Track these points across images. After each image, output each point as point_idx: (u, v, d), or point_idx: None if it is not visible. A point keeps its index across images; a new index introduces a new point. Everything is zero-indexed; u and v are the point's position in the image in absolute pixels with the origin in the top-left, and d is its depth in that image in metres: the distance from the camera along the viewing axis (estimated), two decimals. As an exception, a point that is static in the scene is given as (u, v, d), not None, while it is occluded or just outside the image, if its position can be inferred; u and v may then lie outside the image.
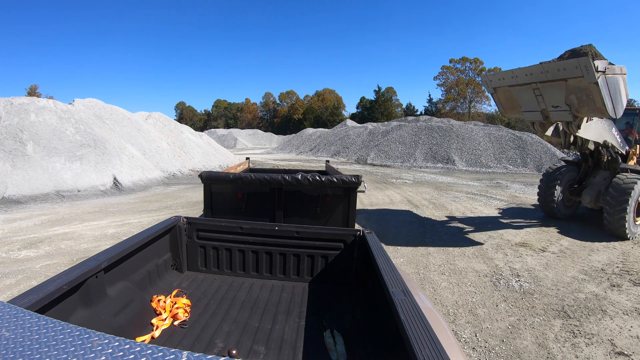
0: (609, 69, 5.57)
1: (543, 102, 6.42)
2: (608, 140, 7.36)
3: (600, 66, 5.43)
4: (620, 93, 5.90)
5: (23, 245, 6.04)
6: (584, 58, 5.53)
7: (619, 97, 5.86)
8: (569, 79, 5.76)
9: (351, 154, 28.60)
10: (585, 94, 5.73)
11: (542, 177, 9.09)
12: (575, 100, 5.95)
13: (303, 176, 3.59)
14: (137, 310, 2.05)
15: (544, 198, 8.89)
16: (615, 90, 5.76)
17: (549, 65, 6.02)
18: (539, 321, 3.87)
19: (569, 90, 5.93)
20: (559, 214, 8.79)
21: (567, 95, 5.99)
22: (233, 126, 77.59)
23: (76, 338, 0.82)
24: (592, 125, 6.86)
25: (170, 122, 21.81)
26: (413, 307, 1.38)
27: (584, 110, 5.98)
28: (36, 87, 55.31)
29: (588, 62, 5.37)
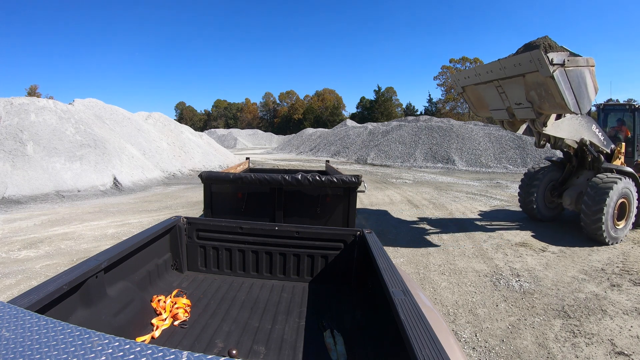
0: (571, 61, 5.23)
1: (507, 100, 6.15)
2: (586, 138, 6.90)
3: (557, 59, 5.11)
4: (587, 86, 5.51)
5: (23, 246, 6.04)
6: (536, 51, 5.19)
7: (584, 91, 5.49)
8: (527, 75, 5.47)
9: (351, 154, 28.60)
10: (544, 89, 5.40)
11: (523, 177, 8.77)
12: (536, 97, 5.63)
13: (303, 176, 3.59)
14: (137, 310, 2.05)
15: (523, 199, 8.59)
16: (579, 84, 5.40)
17: (505, 61, 5.72)
18: (539, 321, 3.87)
19: (528, 86, 5.64)
20: (539, 215, 8.42)
21: (528, 92, 5.69)
22: (233, 126, 77.58)
23: (76, 338, 0.82)
24: (564, 122, 6.50)
25: (170, 122, 21.81)
26: (413, 307, 1.38)
27: (545, 106, 5.66)
28: (36, 87, 55.45)
29: (540, 55, 5.05)
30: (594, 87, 5.59)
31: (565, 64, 5.15)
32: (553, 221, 8.50)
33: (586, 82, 5.48)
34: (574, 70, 5.31)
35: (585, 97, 5.52)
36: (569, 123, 6.57)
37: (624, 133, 8.16)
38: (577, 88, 5.38)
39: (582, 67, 5.41)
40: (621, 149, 7.47)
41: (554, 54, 5.09)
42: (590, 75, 5.52)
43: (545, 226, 8.04)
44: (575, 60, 5.35)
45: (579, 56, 5.60)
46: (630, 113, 8.09)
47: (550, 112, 5.86)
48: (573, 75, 5.31)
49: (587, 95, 5.55)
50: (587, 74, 5.48)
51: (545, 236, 7.26)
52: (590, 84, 5.55)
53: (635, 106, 7.92)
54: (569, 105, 5.30)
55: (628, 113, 8.14)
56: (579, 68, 5.37)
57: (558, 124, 6.41)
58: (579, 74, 5.39)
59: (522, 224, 8.28)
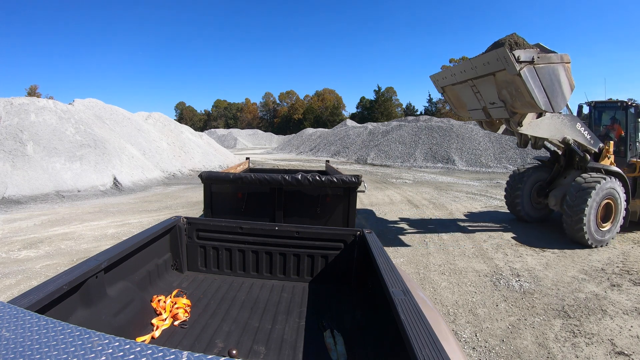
0: (541, 58, 5.07)
1: (482, 100, 6.01)
2: (569, 137, 6.60)
3: (524, 56, 4.96)
4: (560, 84, 5.32)
5: (23, 246, 6.04)
6: (501, 49, 5.04)
7: (558, 89, 5.30)
8: (496, 73, 5.33)
9: (351, 154, 28.60)
10: (514, 88, 5.26)
11: (509, 177, 8.57)
12: (507, 95, 5.48)
13: (303, 176, 3.59)
14: (137, 310, 2.05)
15: (509, 199, 8.42)
16: (551, 82, 5.23)
17: (476, 60, 5.59)
18: (539, 321, 3.87)
19: (499, 85, 5.50)
20: (526, 216, 8.25)
21: (499, 91, 5.56)
22: (233, 126, 77.56)
23: (76, 338, 0.82)
24: (544, 121, 6.23)
25: (170, 122, 21.81)
26: (413, 307, 1.38)
27: (517, 105, 5.50)
28: (36, 87, 55.45)
29: (506, 53, 4.91)
30: (569, 85, 5.41)
31: (534, 61, 5.01)
32: (541, 222, 8.30)
33: (560, 79, 5.31)
34: (545, 67, 5.15)
35: (559, 95, 5.35)
36: (549, 122, 6.32)
37: (616, 131, 7.89)
38: (550, 86, 5.22)
39: (555, 64, 5.24)
40: (609, 148, 7.18)
41: (521, 52, 4.96)
42: (565, 72, 5.34)
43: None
44: (547, 57, 5.18)
45: (552, 52, 5.42)
46: (622, 111, 7.81)
47: (522, 111, 5.68)
48: (544, 72, 5.16)
49: (561, 93, 5.37)
50: (561, 71, 5.31)
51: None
52: (565, 82, 5.36)
53: (627, 103, 7.67)
54: (539, 103, 5.17)
55: (620, 111, 7.85)
56: (551, 65, 5.20)
57: (537, 124, 6.19)
58: (551, 71, 5.23)
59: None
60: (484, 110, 6.17)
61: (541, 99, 5.18)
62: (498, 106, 5.77)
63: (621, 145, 7.74)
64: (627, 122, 7.65)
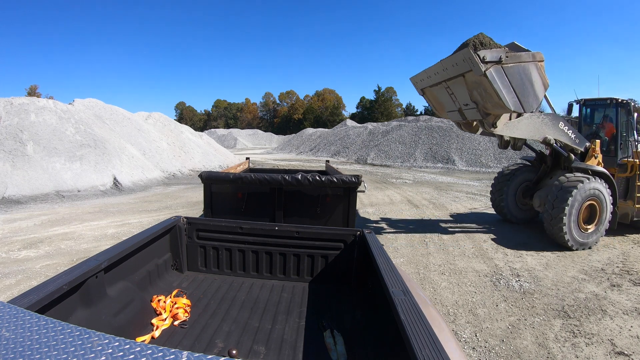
0: (510, 57, 4.94)
1: (457, 101, 5.90)
2: (550, 137, 6.38)
3: (490, 56, 4.84)
4: (532, 83, 5.18)
5: (23, 246, 6.04)
6: (465, 50, 4.94)
7: (529, 89, 5.16)
8: (466, 74, 5.22)
9: (351, 154, 28.60)
10: (483, 89, 5.14)
11: (495, 177, 8.43)
12: (478, 96, 5.37)
13: (303, 176, 3.59)
14: (137, 310, 2.05)
15: (494, 200, 8.28)
16: (521, 81, 5.09)
17: (446, 62, 5.48)
18: (539, 321, 3.87)
19: (470, 86, 5.39)
20: (511, 217, 8.11)
21: (471, 92, 5.45)
22: (233, 126, 77.59)
23: (76, 338, 0.82)
24: (522, 122, 6.07)
25: (170, 122, 21.81)
26: (413, 307, 1.38)
27: (488, 106, 5.37)
28: (36, 87, 55.49)
29: (470, 54, 4.82)
30: (542, 84, 5.25)
31: (502, 60, 4.90)
32: (527, 223, 8.15)
33: (532, 78, 5.17)
34: (515, 66, 5.03)
35: (531, 94, 5.21)
36: (527, 122, 6.15)
37: (607, 130, 7.62)
38: (520, 85, 5.10)
39: (526, 63, 5.10)
40: (595, 147, 6.92)
41: (487, 52, 4.85)
42: (538, 71, 5.20)
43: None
44: (517, 56, 5.05)
45: (525, 51, 5.28)
46: (612, 108, 7.52)
47: (494, 112, 5.55)
48: (514, 72, 5.04)
49: (533, 93, 5.22)
50: (532, 70, 5.17)
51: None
52: (538, 81, 5.21)
53: (617, 101, 7.38)
54: (507, 104, 5.06)
55: (610, 108, 7.56)
56: (521, 64, 5.07)
57: (514, 124, 6.05)
58: (521, 71, 5.10)
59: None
60: (459, 112, 6.06)
61: (510, 99, 5.06)
62: (471, 107, 5.68)
63: (611, 144, 7.49)
64: (617, 120, 7.40)
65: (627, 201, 7.25)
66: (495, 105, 5.25)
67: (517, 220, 8.19)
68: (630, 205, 7.22)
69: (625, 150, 7.45)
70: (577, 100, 8.04)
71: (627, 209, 7.24)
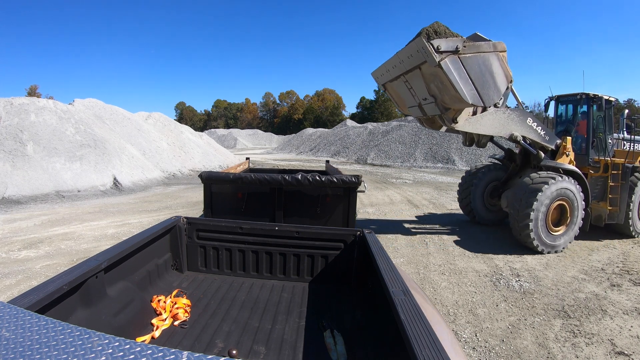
0: (468, 47, 4.63)
1: (416, 96, 5.55)
2: (516, 134, 5.99)
3: (445, 45, 4.51)
4: (493, 75, 4.85)
5: (23, 246, 6.03)
6: (417, 39, 4.61)
7: (489, 81, 4.84)
8: (422, 66, 4.88)
9: (351, 154, 28.60)
10: (440, 81, 4.80)
11: (462, 177, 8.16)
12: (436, 90, 5.05)
13: (303, 176, 3.59)
14: (137, 310, 2.05)
15: (461, 200, 8.04)
16: (481, 72, 4.77)
17: (401, 53, 5.12)
18: (539, 321, 3.87)
19: (427, 79, 5.06)
20: (479, 218, 7.84)
21: (428, 85, 5.12)
22: (233, 126, 77.62)
23: (76, 338, 0.82)
24: (485, 117, 5.67)
25: (170, 122, 21.82)
26: (413, 307, 1.38)
27: (446, 99, 5.06)
28: (36, 87, 55.58)
29: (422, 44, 4.48)
30: (504, 75, 4.93)
31: (459, 50, 4.58)
32: (496, 225, 7.87)
33: (492, 70, 4.84)
34: (473, 57, 4.71)
35: (492, 87, 4.88)
36: (491, 118, 5.74)
37: (581, 127, 7.23)
38: (479, 77, 4.78)
39: (486, 53, 4.77)
40: (567, 145, 6.55)
41: (441, 41, 4.51)
42: (500, 62, 4.87)
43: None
44: (476, 45, 4.72)
45: (487, 40, 4.98)
46: (584, 104, 7.11)
47: (454, 106, 5.19)
48: (473, 62, 4.72)
49: (494, 85, 4.90)
50: (493, 61, 4.84)
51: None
52: (500, 72, 4.89)
53: (588, 96, 6.98)
54: (465, 97, 4.75)
55: (582, 104, 7.15)
56: (481, 54, 4.74)
57: (477, 120, 5.62)
58: (481, 62, 4.77)
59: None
60: (419, 107, 5.72)
61: (468, 91, 4.75)
62: (430, 102, 5.34)
63: (582, 142, 7.18)
64: (590, 116, 7.04)
65: (600, 203, 6.93)
66: (452, 98, 4.93)
67: (485, 221, 7.94)
68: (603, 206, 6.87)
69: (601, 148, 7.09)
70: (551, 96, 7.80)
71: (600, 210, 6.91)
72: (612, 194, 6.81)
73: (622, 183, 6.81)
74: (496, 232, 7.45)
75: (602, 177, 6.95)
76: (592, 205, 6.82)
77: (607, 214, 6.81)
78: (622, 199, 6.80)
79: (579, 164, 6.83)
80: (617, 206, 6.81)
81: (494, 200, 7.77)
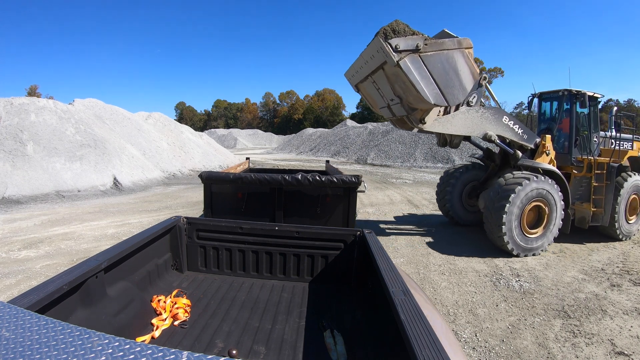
0: (430, 44, 4.44)
1: (385, 97, 5.39)
2: (491, 133, 5.78)
3: (404, 44, 4.33)
4: (458, 73, 4.66)
5: (23, 246, 6.03)
6: (375, 39, 4.45)
7: (454, 79, 4.66)
8: (384, 66, 4.70)
9: (351, 154, 28.60)
10: (402, 81, 4.63)
11: (440, 177, 8.01)
12: (400, 90, 4.90)
13: (303, 176, 3.60)
14: (137, 310, 2.05)
15: (439, 200, 7.90)
16: (444, 71, 4.59)
17: (364, 54, 4.98)
18: (539, 321, 3.87)
19: (391, 79, 4.89)
20: (457, 218, 7.68)
21: (393, 85, 4.96)
22: (233, 126, 77.63)
23: (76, 338, 0.82)
24: (457, 117, 5.50)
25: (170, 122, 21.82)
26: (413, 307, 1.38)
27: (410, 99, 4.89)
28: (36, 87, 55.61)
29: (380, 43, 4.32)
30: (470, 73, 4.74)
31: (420, 49, 4.39)
32: (475, 225, 7.64)
33: (457, 67, 4.66)
34: (436, 55, 4.51)
35: (456, 85, 4.70)
36: (463, 117, 5.55)
37: (564, 125, 6.96)
38: (442, 76, 4.61)
39: (450, 51, 4.57)
40: (546, 143, 6.30)
41: (399, 40, 4.33)
42: (465, 59, 4.68)
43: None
44: (439, 43, 4.52)
45: (452, 37, 4.79)
46: (567, 101, 6.83)
47: (419, 106, 5.03)
48: (435, 61, 4.53)
49: (460, 84, 4.72)
50: (458, 59, 4.65)
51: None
52: (465, 70, 4.69)
53: (570, 92, 6.69)
54: (426, 97, 4.58)
55: (565, 101, 6.86)
56: (444, 52, 4.55)
57: (447, 120, 5.45)
58: (444, 59, 4.59)
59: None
60: (388, 108, 5.57)
61: (430, 91, 4.59)
62: (396, 103, 5.18)
63: (565, 141, 6.92)
64: (571, 114, 6.76)
65: (583, 204, 6.66)
66: (416, 98, 4.75)
67: (464, 222, 7.76)
68: (587, 208, 6.58)
69: (585, 147, 6.81)
70: (533, 94, 7.59)
71: (584, 212, 6.61)
72: (595, 195, 6.57)
73: (607, 183, 6.55)
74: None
75: (586, 177, 6.68)
76: (575, 206, 6.63)
77: (591, 216, 6.56)
78: (607, 200, 6.56)
79: (562, 164, 6.65)
80: (602, 207, 6.58)
81: (473, 201, 7.61)
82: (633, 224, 7.08)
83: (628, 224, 6.97)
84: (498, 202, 5.76)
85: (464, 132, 5.72)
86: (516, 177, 5.88)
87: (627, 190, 6.68)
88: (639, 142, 7.53)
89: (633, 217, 7.08)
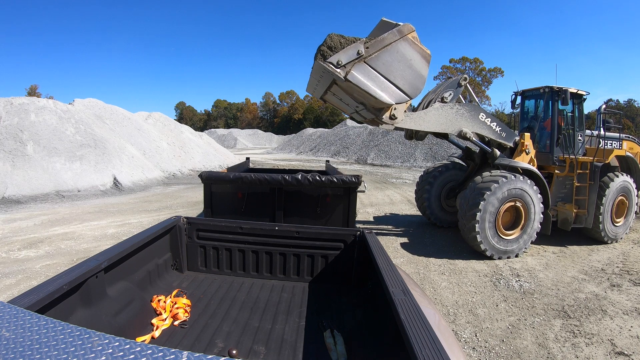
0: (371, 46, 4.18)
1: (349, 105, 5.33)
2: (466, 131, 5.59)
3: (345, 57, 4.12)
4: (409, 62, 4.35)
5: (23, 245, 6.03)
6: (315, 64, 4.26)
7: (407, 70, 4.38)
8: (337, 82, 4.54)
9: (351, 154, 28.59)
10: (357, 91, 4.48)
11: (419, 177, 7.88)
12: (361, 97, 4.76)
13: (303, 176, 3.60)
14: (137, 310, 2.05)
15: (417, 200, 7.78)
16: (393, 66, 4.32)
17: (313, 74, 4.86)
18: (539, 321, 3.87)
19: (347, 91, 4.76)
20: (435, 219, 7.52)
21: (351, 95, 4.84)
22: (233, 126, 77.59)
23: (76, 338, 0.82)
24: (430, 112, 5.37)
25: (170, 122, 21.81)
26: (413, 307, 1.38)
27: (372, 103, 4.77)
28: (36, 87, 55.53)
29: (321, 66, 4.15)
30: (421, 56, 4.39)
31: (362, 54, 4.17)
32: (454, 227, 7.40)
33: (406, 56, 4.34)
34: (381, 54, 4.27)
35: (411, 75, 4.43)
36: (436, 113, 5.41)
37: (547, 123, 6.71)
38: (395, 71, 4.38)
39: (393, 43, 4.28)
40: (525, 141, 6.09)
41: (339, 54, 4.12)
42: (411, 46, 4.34)
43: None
44: (379, 40, 4.23)
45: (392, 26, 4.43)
46: (548, 98, 6.60)
47: (383, 107, 4.86)
48: (382, 60, 4.29)
49: (414, 72, 4.42)
50: (404, 47, 4.32)
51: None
52: (415, 56, 4.36)
53: (552, 89, 6.47)
54: (385, 100, 4.41)
55: (547, 98, 6.64)
56: (388, 47, 4.28)
57: (420, 116, 5.32)
58: (391, 54, 4.32)
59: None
60: (357, 114, 5.52)
61: (387, 93, 4.41)
62: (362, 108, 5.10)
63: (546, 140, 6.67)
64: (553, 111, 6.53)
65: (566, 205, 6.44)
66: (377, 102, 4.60)
67: (442, 223, 7.60)
68: (569, 209, 6.36)
69: (568, 145, 6.55)
70: (516, 91, 7.38)
71: (566, 213, 6.37)
72: (578, 195, 6.35)
73: (591, 183, 6.33)
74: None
75: (570, 178, 6.45)
76: (558, 207, 6.45)
77: (574, 217, 6.35)
78: (590, 201, 6.33)
79: (544, 163, 6.47)
80: (585, 209, 6.34)
81: (451, 201, 7.43)
82: (620, 226, 6.79)
83: (614, 226, 6.71)
84: (472, 200, 5.58)
85: (438, 128, 5.55)
86: (493, 176, 5.69)
87: (612, 191, 6.43)
88: (629, 141, 7.30)
89: (620, 219, 6.79)
